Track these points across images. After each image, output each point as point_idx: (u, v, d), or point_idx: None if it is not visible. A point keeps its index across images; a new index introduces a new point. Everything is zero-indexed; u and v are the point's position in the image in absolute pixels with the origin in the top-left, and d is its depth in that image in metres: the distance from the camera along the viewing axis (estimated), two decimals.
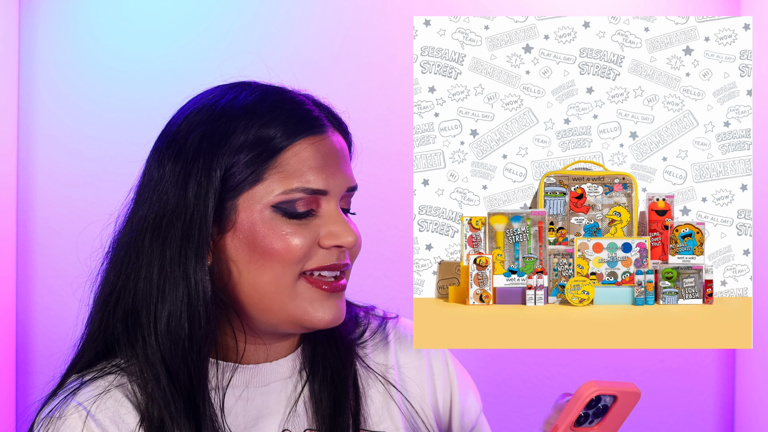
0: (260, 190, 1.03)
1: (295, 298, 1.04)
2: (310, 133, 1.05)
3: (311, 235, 1.04)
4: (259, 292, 1.04)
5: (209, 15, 2.05)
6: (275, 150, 1.03)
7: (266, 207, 1.03)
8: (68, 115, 2.05)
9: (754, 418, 2.02)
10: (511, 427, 2.10)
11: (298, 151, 1.04)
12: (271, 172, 1.03)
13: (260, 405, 1.09)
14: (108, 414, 1.03)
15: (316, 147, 1.05)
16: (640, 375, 2.13)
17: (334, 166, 1.06)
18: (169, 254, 1.03)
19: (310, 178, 1.04)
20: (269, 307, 1.05)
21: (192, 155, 1.03)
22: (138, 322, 1.04)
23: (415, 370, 1.19)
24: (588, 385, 0.95)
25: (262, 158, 1.03)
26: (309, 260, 1.05)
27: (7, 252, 2.01)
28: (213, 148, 1.03)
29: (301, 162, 1.04)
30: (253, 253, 1.03)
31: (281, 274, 1.03)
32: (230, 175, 1.03)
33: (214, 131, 1.03)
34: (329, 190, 1.05)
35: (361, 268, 2.05)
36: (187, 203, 1.03)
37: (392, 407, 1.15)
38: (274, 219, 1.03)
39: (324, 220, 1.05)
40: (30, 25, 2.04)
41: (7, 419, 2.01)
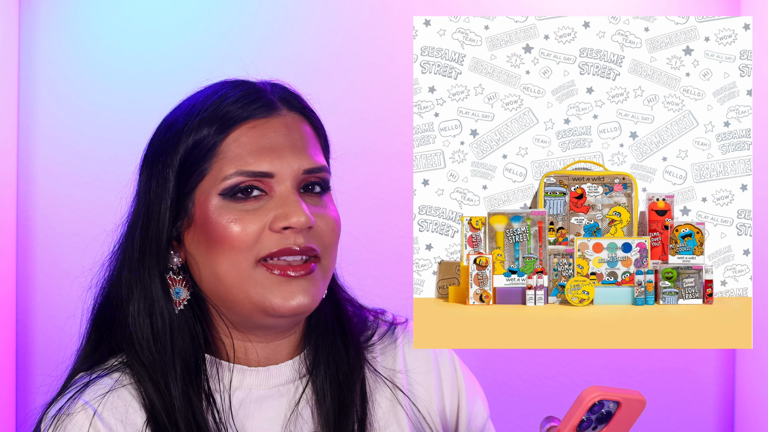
0: (208, 181, 1.04)
1: (254, 285, 1.03)
2: (250, 117, 1.05)
3: (261, 219, 1.03)
4: (221, 282, 1.04)
5: (209, 15, 2.05)
6: (217, 139, 1.04)
7: (215, 196, 1.04)
8: (68, 115, 2.05)
9: (754, 418, 2.02)
10: (511, 427, 2.10)
11: (237, 136, 1.04)
12: (216, 161, 1.04)
13: (264, 408, 1.09)
14: (115, 413, 1.03)
15: (258, 130, 1.05)
16: (640, 375, 2.12)
17: (283, 147, 1.05)
18: (136, 258, 1.06)
19: (249, 160, 1.03)
20: (234, 297, 1.05)
21: (152, 160, 1.07)
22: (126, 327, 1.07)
23: (424, 375, 1.19)
24: (590, 390, 0.94)
25: (206, 149, 1.04)
26: (260, 245, 1.03)
27: (7, 252, 2.01)
28: (166, 151, 1.06)
29: (241, 146, 1.04)
30: (207, 244, 1.04)
31: (236, 262, 1.03)
32: (183, 172, 1.05)
33: (168, 134, 1.06)
34: (275, 172, 1.04)
35: (361, 268, 2.06)
36: (150, 206, 1.06)
37: (399, 412, 1.15)
38: (222, 207, 1.04)
39: (275, 202, 1.04)
40: (30, 25, 2.04)
41: (7, 419, 2.01)
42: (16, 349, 2.06)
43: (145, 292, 1.06)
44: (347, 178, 2.04)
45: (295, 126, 1.07)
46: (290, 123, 1.07)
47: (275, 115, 1.07)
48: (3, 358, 2.00)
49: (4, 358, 2.01)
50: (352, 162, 2.05)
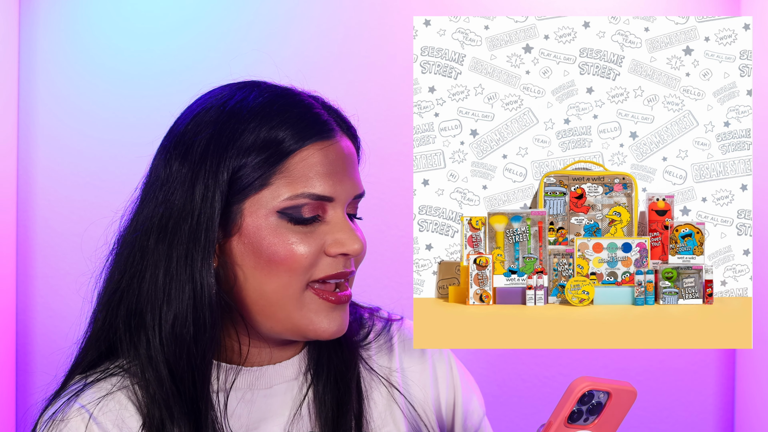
0: (266, 195, 1.02)
1: (301, 308, 1.03)
2: (318, 138, 1.03)
3: (317, 243, 1.03)
4: (265, 298, 1.03)
5: (209, 15, 2.05)
6: (283, 154, 1.02)
7: (272, 212, 1.02)
8: (68, 115, 2.05)
9: (754, 418, 2.02)
10: (511, 427, 2.10)
11: (306, 156, 1.03)
12: (278, 177, 1.02)
13: (264, 407, 1.09)
14: (110, 417, 1.03)
15: (324, 152, 1.04)
16: (640, 375, 2.13)
17: (342, 172, 1.05)
18: (176, 256, 1.02)
19: (316, 183, 1.02)
20: (274, 314, 1.04)
21: (199, 156, 1.02)
22: (142, 323, 1.03)
23: (419, 373, 1.19)
24: (580, 380, 0.93)
25: (269, 162, 1.02)
26: (315, 268, 1.03)
27: (7, 252, 2.01)
28: (221, 151, 1.01)
29: (309, 167, 1.02)
30: (258, 259, 1.02)
31: (288, 284, 1.02)
32: (237, 178, 1.01)
33: (222, 133, 1.02)
34: (335, 197, 1.04)
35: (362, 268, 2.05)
36: (194, 205, 1.01)
37: (395, 410, 1.15)
38: (280, 225, 1.02)
39: (330, 227, 1.04)
40: (30, 25, 2.04)
41: (7, 419, 2.01)
42: (16, 349, 2.06)
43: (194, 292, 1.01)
44: None
45: (351, 152, 1.07)
46: (347, 149, 1.07)
47: (338, 139, 1.06)
48: (3, 358, 2.00)
49: (4, 358, 2.01)
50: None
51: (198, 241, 1.01)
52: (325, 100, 1.09)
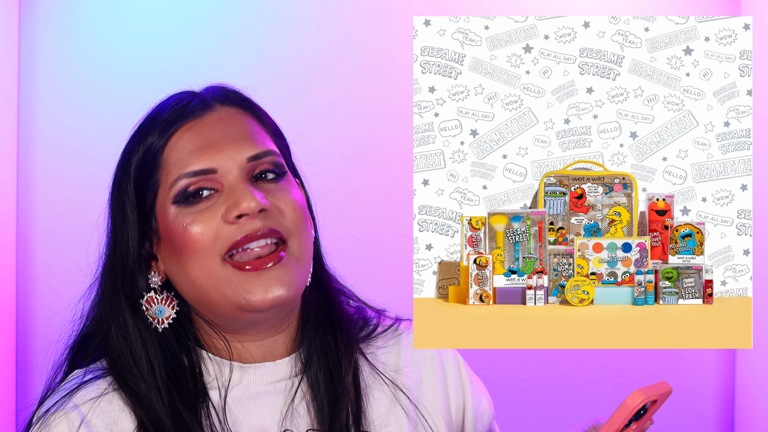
0: (162, 193, 1.06)
1: (228, 284, 1.03)
2: (182, 121, 1.07)
3: (215, 216, 1.04)
4: (196, 287, 1.05)
5: (209, 15, 2.05)
6: (157, 153, 1.06)
7: (170, 205, 1.05)
8: (68, 115, 2.05)
9: (754, 418, 2.02)
10: (511, 428, 2.10)
11: (174, 142, 1.06)
12: (162, 171, 1.05)
13: (261, 405, 1.09)
14: (104, 418, 1.03)
15: (194, 131, 1.06)
16: (640, 375, 2.12)
17: (221, 141, 1.05)
18: (109, 287, 1.08)
19: (191, 161, 1.04)
20: (213, 300, 1.05)
21: (112, 190, 1.10)
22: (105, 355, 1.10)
23: (428, 374, 1.18)
24: (635, 396, 0.96)
25: (151, 162, 1.06)
26: (221, 240, 1.03)
27: (7, 252, 2.01)
28: (121, 177, 1.09)
29: (180, 150, 1.05)
30: (175, 254, 1.05)
31: (204, 265, 1.03)
32: (139, 191, 1.07)
33: (121, 161, 1.09)
34: (218, 167, 1.04)
35: (362, 268, 2.06)
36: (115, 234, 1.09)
37: (399, 412, 1.14)
38: (177, 214, 1.04)
39: (225, 196, 1.04)
40: (30, 25, 2.04)
41: (7, 419, 2.01)
42: (16, 349, 2.06)
43: (117, 318, 1.07)
44: (347, 178, 2.05)
45: (231, 119, 1.08)
46: (225, 117, 1.08)
47: (208, 113, 1.07)
48: (3, 358, 2.00)
49: (4, 358, 2.01)
50: (352, 162, 2.05)
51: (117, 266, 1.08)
52: (212, 85, 1.12)
